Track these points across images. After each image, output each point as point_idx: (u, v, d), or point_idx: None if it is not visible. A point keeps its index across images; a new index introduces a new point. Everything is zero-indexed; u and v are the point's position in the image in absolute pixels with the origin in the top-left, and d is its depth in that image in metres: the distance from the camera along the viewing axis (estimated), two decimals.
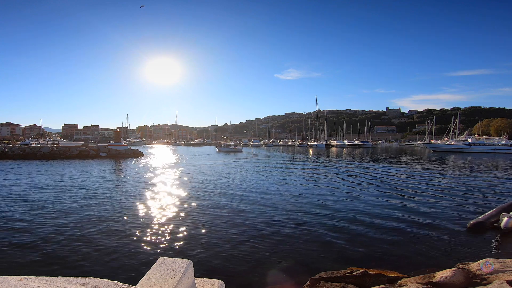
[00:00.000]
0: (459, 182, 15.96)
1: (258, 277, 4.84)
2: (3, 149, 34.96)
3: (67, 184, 14.52)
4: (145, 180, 16.34)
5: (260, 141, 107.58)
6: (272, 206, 9.87)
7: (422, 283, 3.39)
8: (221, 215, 8.66)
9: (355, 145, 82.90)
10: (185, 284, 2.01)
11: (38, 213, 8.76)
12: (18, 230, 7.17)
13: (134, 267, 5.15)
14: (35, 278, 1.75)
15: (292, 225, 7.69)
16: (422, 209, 9.52)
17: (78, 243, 6.30)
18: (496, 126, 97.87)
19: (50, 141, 65.58)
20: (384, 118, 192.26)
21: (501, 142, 58.20)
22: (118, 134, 46.68)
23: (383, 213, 8.90)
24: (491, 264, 3.57)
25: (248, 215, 8.67)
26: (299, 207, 9.75)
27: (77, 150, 36.70)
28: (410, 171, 21.44)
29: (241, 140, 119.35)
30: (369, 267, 4.37)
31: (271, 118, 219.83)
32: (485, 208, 9.16)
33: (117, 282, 1.83)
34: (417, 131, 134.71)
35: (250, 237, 6.69)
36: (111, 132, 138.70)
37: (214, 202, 10.50)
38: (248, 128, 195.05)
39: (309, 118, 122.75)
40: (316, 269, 4.72)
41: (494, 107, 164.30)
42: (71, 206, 9.70)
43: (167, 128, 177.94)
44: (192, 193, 12.26)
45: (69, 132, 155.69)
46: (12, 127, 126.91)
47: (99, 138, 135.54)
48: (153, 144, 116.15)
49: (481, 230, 7.19)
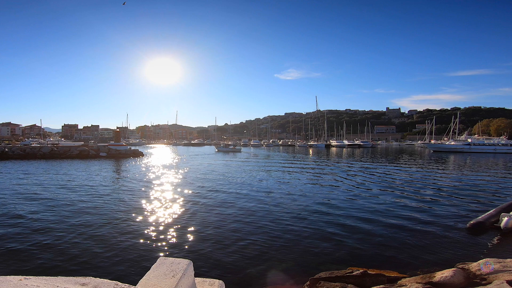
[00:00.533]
0: (459, 182, 15.96)
1: (258, 277, 4.84)
2: (3, 149, 34.97)
3: (67, 184, 14.52)
4: (145, 180, 16.34)
5: (260, 141, 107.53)
6: (272, 205, 9.87)
7: (422, 283, 3.39)
8: (221, 215, 8.66)
9: (355, 145, 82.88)
10: (185, 284, 2.01)
11: (38, 213, 8.76)
12: (18, 230, 7.17)
13: (134, 267, 5.15)
14: (35, 278, 1.75)
15: (292, 225, 7.69)
16: (422, 209, 9.53)
17: (78, 243, 6.30)
18: (496, 126, 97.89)
19: (50, 141, 65.52)
20: (384, 118, 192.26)
21: (501, 142, 58.22)
22: (118, 134, 46.67)
23: (383, 213, 8.90)
24: (491, 264, 3.57)
25: (248, 214, 8.67)
26: (298, 206, 9.74)
27: (77, 150, 36.70)
28: (410, 171, 21.44)
29: (241, 140, 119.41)
30: (369, 267, 4.38)
31: (271, 118, 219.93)
32: (485, 208, 9.16)
33: (117, 282, 1.83)
34: (417, 131, 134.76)
35: (250, 237, 6.70)
36: (111, 132, 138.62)
37: (214, 202, 10.49)
38: (248, 128, 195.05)
39: (309, 118, 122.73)
40: (316, 269, 4.72)
41: (494, 107, 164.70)
42: (70, 206, 9.70)
43: (167, 128, 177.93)
44: (192, 193, 12.26)
45: (69, 132, 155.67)
46: (12, 127, 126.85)
47: (99, 138, 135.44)
48: (153, 144, 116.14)
49: (481, 230, 7.19)
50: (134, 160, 32.39)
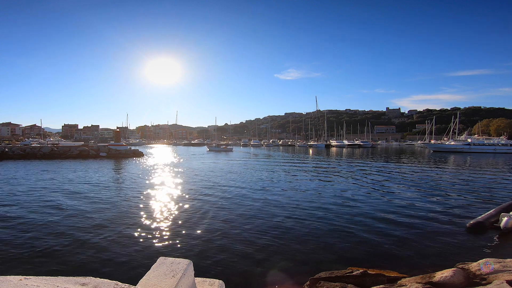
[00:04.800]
0: (459, 182, 15.95)
1: (258, 277, 4.84)
2: (3, 149, 34.96)
3: (66, 184, 14.52)
4: (145, 180, 16.34)
5: (260, 141, 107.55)
6: (272, 206, 9.86)
7: (422, 283, 3.39)
8: (221, 214, 8.66)
9: (355, 145, 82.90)
10: (185, 284, 2.01)
11: (38, 212, 8.76)
12: (17, 230, 7.17)
13: (134, 267, 5.15)
14: (35, 278, 1.75)
15: (292, 224, 7.69)
16: (422, 208, 9.52)
17: (78, 242, 6.30)
18: (496, 126, 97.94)
19: (50, 141, 65.56)
20: (384, 118, 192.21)
21: (501, 142, 58.26)
22: (118, 134, 46.65)
23: (383, 213, 8.90)
24: (491, 264, 3.57)
25: (248, 214, 8.66)
26: (298, 206, 9.74)
27: (77, 150, 36.69)
28: (409, 171, 21.43)
29: (241, 140, 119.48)
30: (369, 267, 4.37)
31: (271, 118, 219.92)
32: (484, 208, 9.16)
33: (117, 282, 1.83)
34: (417, 131, 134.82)
35: (250, 237, 6.69)
36: (111, 132, 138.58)
37: (213, 201, 10.49)
38: (248, 128, 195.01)
39: (309, 118, 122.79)
40: (316, 269, 4.72)
41: (494, 107, 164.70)
42: (70, 206, 9.69)
43: (167, 128, 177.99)
44: (192, 193, 12.25)
45: (69, 132, 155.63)
46: (12, 127, 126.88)
47: (99, 138, 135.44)
48: (153, 144, 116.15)
49: (480, 230, 7.19)
50: (134, 160, 32.38)
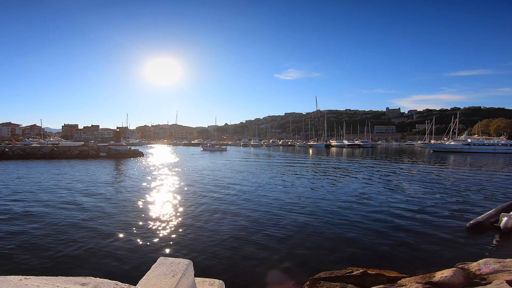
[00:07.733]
0: (459, 182, 15.95)
1: (258, 277, 4.84)
2: (3, 149, 34.93)
3: (66, 184, 14.51)
4: (145, 180, 16.34)
5: (260, 141, 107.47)
6: (272, 206, 9.86)
7: (422, 283, 3.39)
8: (221, 214, 8.66)
9: (355, 145, 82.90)
10: (185, 284, 2.01)
11: (37, 212, 8.76)
12: (17, 230, 7.17)
13: (134, 267, 5.15)
14: (35, 278, 1.75)
15: (292, 224, 7.69)
16: (422, 208, 9.52)
17: (78, 242, 6.30)
18: (495, 126, 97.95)
19: (50, 141, 65.51)
20: (384, 118, 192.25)
21: (501, 142, 58.27)
22: (118, 134, 46.63)
23: (383, 213, 8.90)
24: (491, 264, 3.57)
25: (248, 214, 8.67)
26: (298, 206, 9.74)
27: (77, 150, 36.68)
28: (409, 171, 21.44)
29: (241, 140, 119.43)
30: (369, 267, 4.37)
31: (271, 118, 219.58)
32: (484, 208, 9.16)
33: (117, 282, 1.83)
34: (417, 131, 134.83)
35: (250, 237, 6.69)
36: (111, 132, 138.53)
37: (213, 202, 10.49)
38: (248, 128, 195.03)
39: (309, 118, 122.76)
40: (316, 269, 4.71)
41: (494, 107, 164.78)
42: (70, 205, 9.69)
43: (167, 128, 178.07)
44: (192, 193, 12.25)
45: (69, 132, 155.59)
46: (12, 127, 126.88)
47: (99, 138, 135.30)
48: (153, 144, 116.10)
49: (480, 230, 7.19)
50: (134, 160, 32.38)
